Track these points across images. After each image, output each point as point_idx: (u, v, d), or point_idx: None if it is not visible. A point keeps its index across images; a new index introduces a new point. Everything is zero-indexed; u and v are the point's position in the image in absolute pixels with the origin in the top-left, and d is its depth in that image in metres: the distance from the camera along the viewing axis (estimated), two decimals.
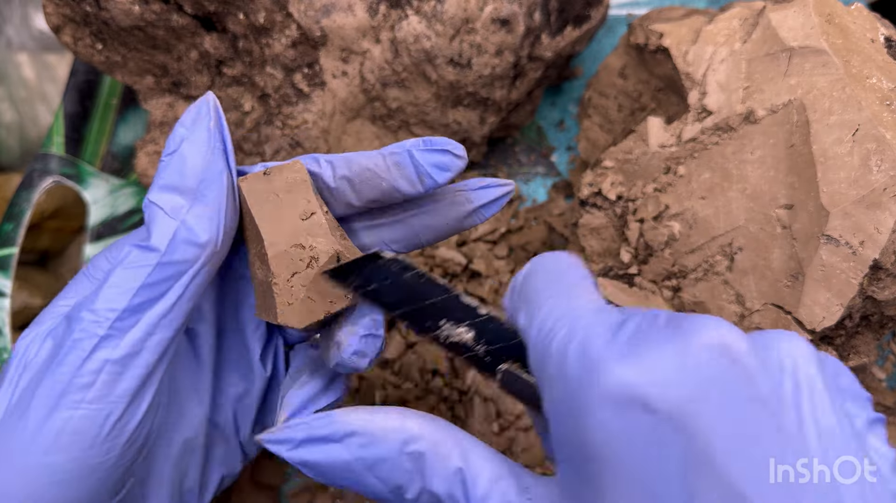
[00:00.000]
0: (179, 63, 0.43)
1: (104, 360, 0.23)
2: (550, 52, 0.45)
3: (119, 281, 0.24)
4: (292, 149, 0.42)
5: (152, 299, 0.24)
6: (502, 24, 0.40)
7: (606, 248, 0.38)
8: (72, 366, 0.23)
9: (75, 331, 0.24)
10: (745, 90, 0.35)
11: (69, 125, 0.51)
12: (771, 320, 0.32)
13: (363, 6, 0.40)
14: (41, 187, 0.49)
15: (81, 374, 0.23)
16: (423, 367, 0.44)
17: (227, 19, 0.41)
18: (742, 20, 0.37)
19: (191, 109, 0.26)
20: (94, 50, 0.42)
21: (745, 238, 0.34)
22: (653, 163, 0.37)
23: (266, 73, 0.41)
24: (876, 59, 0.34)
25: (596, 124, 0.46)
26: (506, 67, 0.42)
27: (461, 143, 0.47)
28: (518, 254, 0.47)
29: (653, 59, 0.41)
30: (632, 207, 0.37)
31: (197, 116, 0.26)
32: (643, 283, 0.36)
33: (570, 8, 0.44)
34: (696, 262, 0.35)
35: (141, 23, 0.40)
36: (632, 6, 0.55)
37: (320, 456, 0.24)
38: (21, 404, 0.23)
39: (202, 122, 0.26)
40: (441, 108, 0.44)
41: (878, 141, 0.31)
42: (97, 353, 0.23)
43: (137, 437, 0.25)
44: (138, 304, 0.24)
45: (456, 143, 0.28)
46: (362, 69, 0.42)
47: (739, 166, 0.35)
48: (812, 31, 0.34)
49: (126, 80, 0.44)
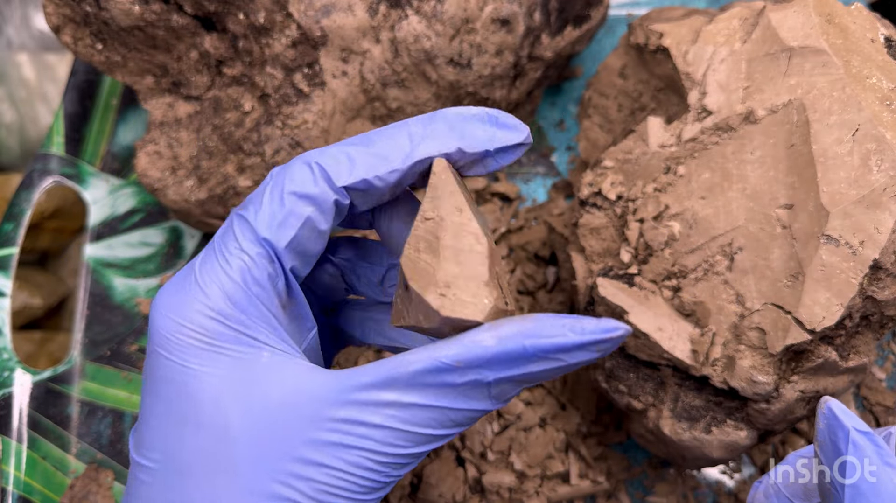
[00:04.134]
0: (179, 63, 0.43)
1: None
2: (550, 52, 0.45)
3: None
4: (292, 149, 0.42)
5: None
6: (502, 24, 0.40)
7: (606, 248, 0.38)
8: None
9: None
10: (745, 90, 0.35)
11: (69, 125, 0.51)
12: (771, 320, 0.32)
13: (363, 6, 0.40)
14: (41, 187, 0.49)
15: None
16: None
17: (228, 19, 0.41)
18: (742, 20, 0.37)
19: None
20: (94, 50, 0.42)
21: (745, 238, 0.34)
22: (653, 163, 0.37)
23: (266, 73, 0.41)
24: (876, 59, 0.34)
25: (596, 124, 0.46)
26: (506, 67, 0.42)
27: None
28: (518, 254, 0.47)
29: (653, 59, 0.41)
30: (632, 207, 0.37)
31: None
32: (643, 283, 0.36)
33: (570, 8, 0.45)
34: (696, 262, 0.35)
35: (141, 23, 0.40)
36: (632, 6, 0.55)
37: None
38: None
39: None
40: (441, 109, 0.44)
41: (878, 141, 0.31)
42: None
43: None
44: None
45: (522, 126, 0.26)
46: (362, 69, 0.42)
47: (739, 166, 0.35)
48: (812, 30, 0.34)
49: (126, 80, 0.44)
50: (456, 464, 0.42)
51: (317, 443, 0.23)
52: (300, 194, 0.25)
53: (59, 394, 0.46)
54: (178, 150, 0.43)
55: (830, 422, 0.24)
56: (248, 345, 0.25)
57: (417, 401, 0.23)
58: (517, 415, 0.42)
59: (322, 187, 0.25)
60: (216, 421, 0.24)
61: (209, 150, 0.43)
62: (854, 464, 0.23)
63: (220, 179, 0.43)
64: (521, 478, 0.41)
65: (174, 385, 0.24)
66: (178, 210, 0.44)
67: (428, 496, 0.41)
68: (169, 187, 0.43)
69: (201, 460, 0.24)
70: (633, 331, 0.35)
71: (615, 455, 0.42)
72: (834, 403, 0.24)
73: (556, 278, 0.46)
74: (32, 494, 0.43)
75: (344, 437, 0.23)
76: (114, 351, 0.47)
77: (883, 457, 0.23)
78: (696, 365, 0.34)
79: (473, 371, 0.23)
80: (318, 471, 0.23)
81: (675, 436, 0.35)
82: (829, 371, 0.33)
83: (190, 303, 0.25)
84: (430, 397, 0.23)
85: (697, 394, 0.35)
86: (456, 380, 0.23)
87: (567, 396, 0.43)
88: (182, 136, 0.44)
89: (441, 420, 0.24)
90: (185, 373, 0.24)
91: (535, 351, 0.22)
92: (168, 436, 0.24)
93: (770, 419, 0.33)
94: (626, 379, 0.37)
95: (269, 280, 0.25)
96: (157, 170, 0.43)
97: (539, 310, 0.45)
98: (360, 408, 0.23)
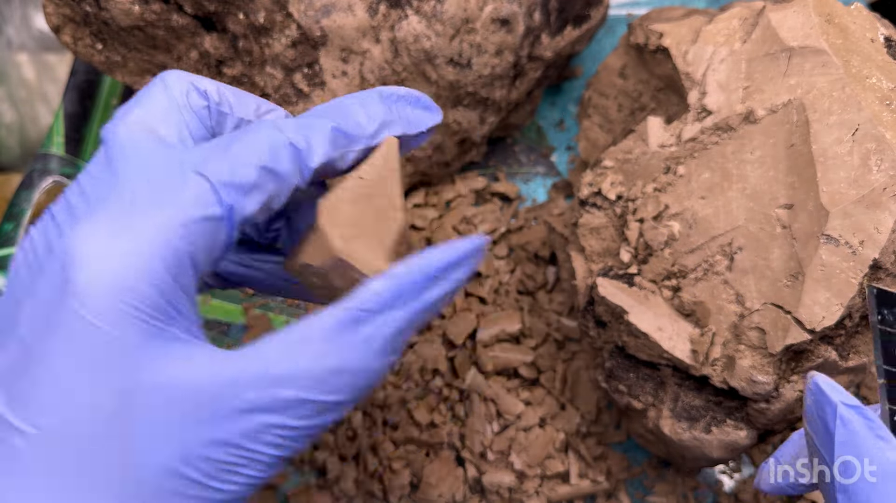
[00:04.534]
0: (179, 63, 0.43)
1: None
2: (550, 51, 0.45)
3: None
4: None
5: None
6: (502, 24, 0.40)
7: (606, 248, 0.38)
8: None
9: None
10: (745, 90, 0.36)
11: (69, 125, 0.51)
12: (771, 320, 0.32)
13: (363, 6, 0.40)
14: (41, 187, 0.49)
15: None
16: (423, 367, 0.44)
17: (228, 19, 0.41)
18: (742, 20, 0.38)
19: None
20: (94, 50, 0.42)
21: (744, 238, 0.34)
22: (653, 162, 0.37)
23: (266, 73, 0.41)
24: (876, 59, 0.34)
25: (596, 124, 0.46)
26: (506, 67, 0.42)
27: (461, 143, 0.47)
28: (518, 253, 0.47)
29: (653, 59, 0.41)
30: (632, 207, 0.37)
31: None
32: (643, 283, 0.36)
33: (570, 8, 0.45)
34: (695, 262, 0.35)
35: (141, 23, 0.40)
36: (632, 6, 0.55)
37: None
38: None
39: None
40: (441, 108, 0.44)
41: (878, 140, 0.31)
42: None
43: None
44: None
45: (437, 107, 0.29)
46: (362, 69, 0.42)
47: (739, 166, 0.35)
48: (812, 30, 0.34)
49: (126, 80, 0.44)
50: (456, 464, 0.42)
51: (222, 424, 0.23)
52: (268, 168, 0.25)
53: None
54: None
55: (817, 397, 0.24)
56: (167, 316, 0.23)
57: (327, 366, 0.23)
58: (517, 415, 0.42)
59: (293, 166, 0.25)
60: (123, 387, 0.23)
61: None
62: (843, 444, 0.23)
63: None
64: (520, 478, 0.41)
65: (78, 340, 0.23)
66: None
67: (428, 496, 0.41)
68: None
69: (101, 431, 0.22)
70: (634, 331, 0.35)
71: (615, 455, 0.43)
72: (820, 378, 0.24)
73: (555, 278, 0.46)
74: None
75: (249, 417, 0.23)
76: None
77: (874, 431, 0.23)
78: (695, 365, 0.34)
79: (375, 317, 0.23)
80: (222, 451, 0.23)
81: (674, 435, 0.35)
82: (828, 370, 0.33)
83: (135, 265, 0.23)
84: (336, 359, 0.23)
85: (697, 394, 0.35)
86: (357, 335, 0.23)
87: (567, 396, 0.43)
88: None
89: (345, 383, 0.23)
90: (96, 333, 0.22)
91: (424, 276, 0.24)
92: (62, 400, 0.23)
93: (770, 419, 0.33)
94: (626, 379, 0.37)
95: (191, 259, 0.24)
96: None
97: (539, 309, 0.45)
98: (268, 385, 0.23)
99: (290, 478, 0.43)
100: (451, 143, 0.46)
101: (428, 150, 0.46)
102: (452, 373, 0.44)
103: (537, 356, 0.44)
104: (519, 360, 0.44)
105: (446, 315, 0.45)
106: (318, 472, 0.44)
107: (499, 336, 0.44)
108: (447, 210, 0.49)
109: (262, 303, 0.48)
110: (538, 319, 0.45)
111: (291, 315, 0.48)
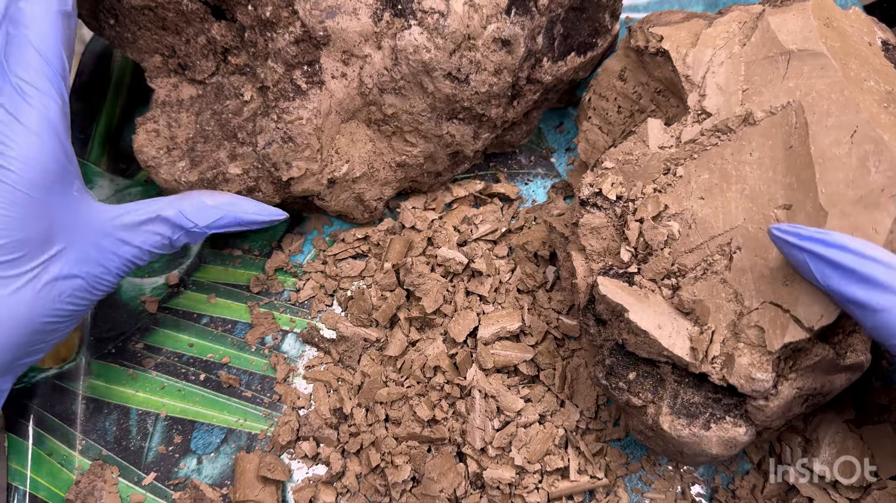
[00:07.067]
0: (187, 46, 0.44)
1: None
2: (550, 76, 0.45)
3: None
4: (284, 143, 0.42)
5: None
6: (503, 45, 0.41)
7: (606, 248, 0.38)
8: None
9: None
10: (744, 92, 0.36)
11: (74, 125, 0.51)
12: (769, 318, 0.33)
13: (368, 11, 0.40)
14: None
15: None
16: (425, 365, 0.44)
17: (237, 9, 0.41)
18: (741, 23, 0.38)
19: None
20: (105, 24, 0.44)
21: (743, 237, 0.34)
22: (652, 163, 0.37)
23: (267, 66, 0.42)
24: (873, 62, 0.34)
25: (595, 126, 0.47)
26: (503, 87, 0.43)
27: (453, 155, 0.47)
28: (518, 253, 0.48)
29: (652, 62, 0.41)
30: (632, 207, 0.37)
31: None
32: (643, 282, 0.36)
33: (575, 34, 0.45)
34: (695, 262, 0.35)
35: (151, 3, 0.41)
36: (631, 10, 0.55)
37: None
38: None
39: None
40: (436, 120, 0.44)
41: (876, 142, 0.31)
42: None
43: None
44: None
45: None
46: (361, 73, 0.42)
47: (738, 167, 0.35)
48: (810, 34, 0.35)
49: (135, 56, 0.45)
50: (457, 459, 0.42)
51: (97, 245, 0.38)
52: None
53: (65, 391, 0.46)
54: (176, 131, 0.44)
55: (785, 249, 0.31)
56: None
57: (159, 231, 0.39)
58: (517, 411, 0.43)
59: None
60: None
61: (205, 134, 0.44)
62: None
63: (212, 164, 0.43)
64: (520, 474, 0.42)
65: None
66: (169, 190, 0.45)
67: (429, 491, 0.41)
68: (162, 166, 0.44)
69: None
70: (634, 328, 0.35)
71: (614, 451, 0.43)
72: (775, 228, 0.31)
73: (555, 277, 0.46)
74: (38, 490, 0.43)
75: (115, 245, 0.38)
76: (119, 348, 0.48)
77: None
78: (695, 362, 0.34)
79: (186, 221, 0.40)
80: (93, 267, 0.38)
81: (674, 432, 0.35)
82: (826, 369, 0.33)
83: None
84: (166, 229, 0.39)
85: (696, 391, 0.35)
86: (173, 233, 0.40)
87: (566, 393, 0.44)
88: (182, 117, 0.44)
89: (161, 243, 0.40)
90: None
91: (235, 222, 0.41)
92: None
93: (768, 416, 0.34)
94: (626, 376, 0.37)
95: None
96: (153, 147, 0.44)
97: (539, 308, 0.46)
98: (130, 230, 0.39)
99: (293, 474, 0.44)
100: (443, 154, 0.47)
101: (419, 158, 0.46)
102: (454, 370, 0.44)
103: (537, 354, 0.44)
104: (519, 358, 0.44)
105: (448, 313, 0.46)
106: (321, 467, 0.44)
107: (499, 334, 0.44)
108: (448, 210, 0.50)
109: (267, 301, 0.49)
110: (538, 318, 0.45)
111: (294, 314, 0.48)
